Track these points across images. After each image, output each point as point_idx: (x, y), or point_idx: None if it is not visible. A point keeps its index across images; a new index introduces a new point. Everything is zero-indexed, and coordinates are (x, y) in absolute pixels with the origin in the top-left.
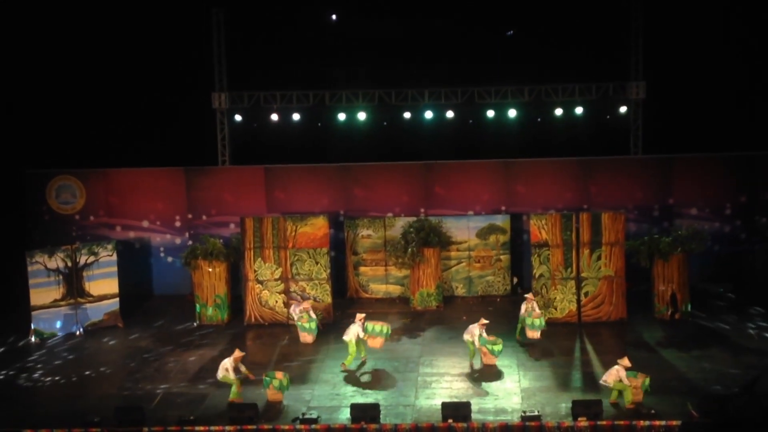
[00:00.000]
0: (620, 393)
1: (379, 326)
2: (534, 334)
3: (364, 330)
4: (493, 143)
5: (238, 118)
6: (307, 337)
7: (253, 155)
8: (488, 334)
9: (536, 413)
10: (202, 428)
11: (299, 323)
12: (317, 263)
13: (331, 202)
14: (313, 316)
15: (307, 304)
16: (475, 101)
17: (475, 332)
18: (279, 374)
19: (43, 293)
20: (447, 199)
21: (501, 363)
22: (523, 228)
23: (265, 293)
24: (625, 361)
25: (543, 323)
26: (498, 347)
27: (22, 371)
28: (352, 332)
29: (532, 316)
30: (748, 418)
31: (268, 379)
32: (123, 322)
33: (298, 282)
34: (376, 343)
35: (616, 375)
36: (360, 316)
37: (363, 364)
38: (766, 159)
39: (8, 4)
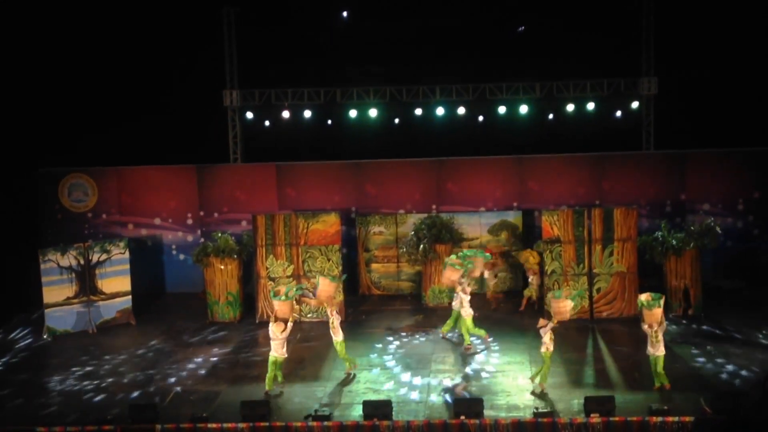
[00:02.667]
0: None
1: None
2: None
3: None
4: (504, 139)
5: (249, 115)
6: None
7: (264, 153)
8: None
9: (549, 410)
10: (215, 425)
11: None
12: (329, 260)
13: (343, 199)
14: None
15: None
16: (486, 97)
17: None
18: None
19: (56, 291)
20: (459, 195)
21: (513, 360)
22: (534, 224)
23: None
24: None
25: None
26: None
27: (36, 369)
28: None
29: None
30: (762, 415)
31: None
32: (135, 319)
33: (310, 279)
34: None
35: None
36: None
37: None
38: None
39: (21, 2)
